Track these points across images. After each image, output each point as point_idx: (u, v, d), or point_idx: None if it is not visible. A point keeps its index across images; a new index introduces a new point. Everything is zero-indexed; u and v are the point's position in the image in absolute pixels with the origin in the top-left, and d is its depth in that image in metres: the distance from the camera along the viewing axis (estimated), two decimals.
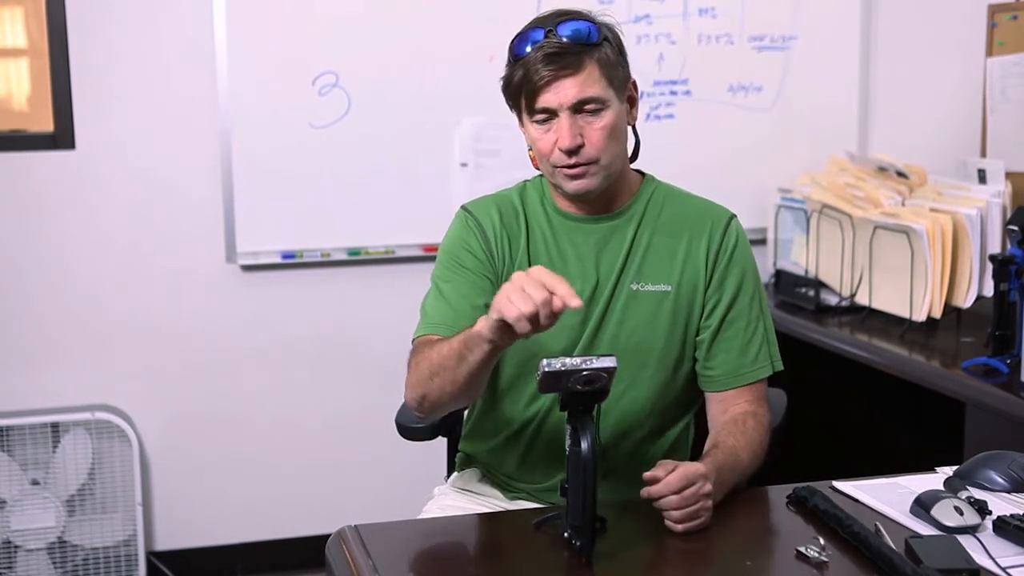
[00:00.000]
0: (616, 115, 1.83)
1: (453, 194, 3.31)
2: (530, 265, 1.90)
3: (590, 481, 1.50)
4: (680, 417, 2.00)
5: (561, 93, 1.79)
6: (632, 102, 1.90)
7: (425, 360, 1.79)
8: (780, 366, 1.96)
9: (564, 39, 1.79)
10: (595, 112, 1.81)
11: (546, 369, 1.48)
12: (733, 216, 1.97)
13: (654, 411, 1.93)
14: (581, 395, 1.51)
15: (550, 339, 1.83)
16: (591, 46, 1.80)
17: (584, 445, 1.49)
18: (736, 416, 1.90)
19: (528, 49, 1.80)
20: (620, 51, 1.86)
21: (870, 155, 3.49)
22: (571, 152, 1.81)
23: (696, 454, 1.92)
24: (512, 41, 1.85)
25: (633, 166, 1.99)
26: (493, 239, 1.93)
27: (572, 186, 1.85)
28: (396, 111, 3.27)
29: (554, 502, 1.89)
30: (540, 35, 1.81)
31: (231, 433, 3.35)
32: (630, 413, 1.91)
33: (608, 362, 1.48)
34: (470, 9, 3.28)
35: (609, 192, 1.90)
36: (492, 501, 2.01)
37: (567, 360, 1.49)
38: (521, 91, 1.82)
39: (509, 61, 1.86)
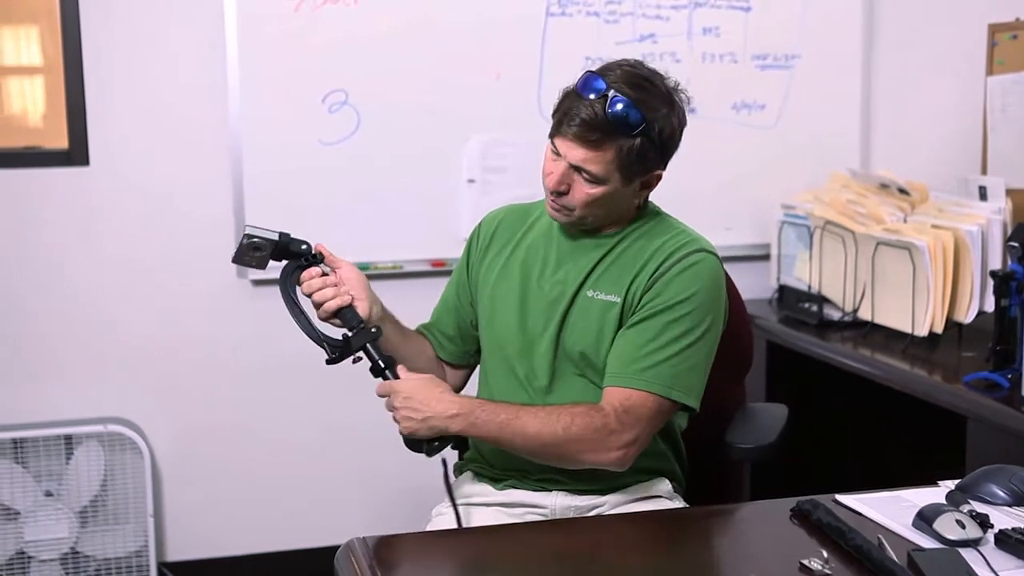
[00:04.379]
0: (610, 192, 1.93)
1: (461, 210, 3.35)
2: (508, 263, 2.09)
3: (298, 316, 1.96)
4: None
5: (570, 150, 1.91)
6: (648, 187, 1.99)
7: None
8: (688, 401, 1.94)
9: (607, 112, 1.86)
10: (590, 180, 1.91)
11: (232, 259, 1.97)
12: (703, 252, 1.99)
13: None
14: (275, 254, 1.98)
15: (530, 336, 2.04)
16: (623, 135, 1.87)
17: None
18: (587, 404, 1.93)
19: (584, 91, 1.88)
20: (659, 145, 1.92)
21: (872, 172, 3.52)
22: (553, 192, 1.95)
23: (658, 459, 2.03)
24: (588, 71, 1.92)
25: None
26: (482, 239, 2.15)
27: (549, 213, 2.01)
28: (405, 128, 3.30)
29: (543, 488, 2.04)
30: (599, 90, 1.87)
31: (241, 445, 3.38)
32: None
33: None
34: (478, 27, 3.32)
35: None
36: (484, 499, 2.08)
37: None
38: (555, 118, 1.94)
39: (576, 83, 1.93)
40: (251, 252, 1.95)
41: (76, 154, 3.19)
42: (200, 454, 3.36)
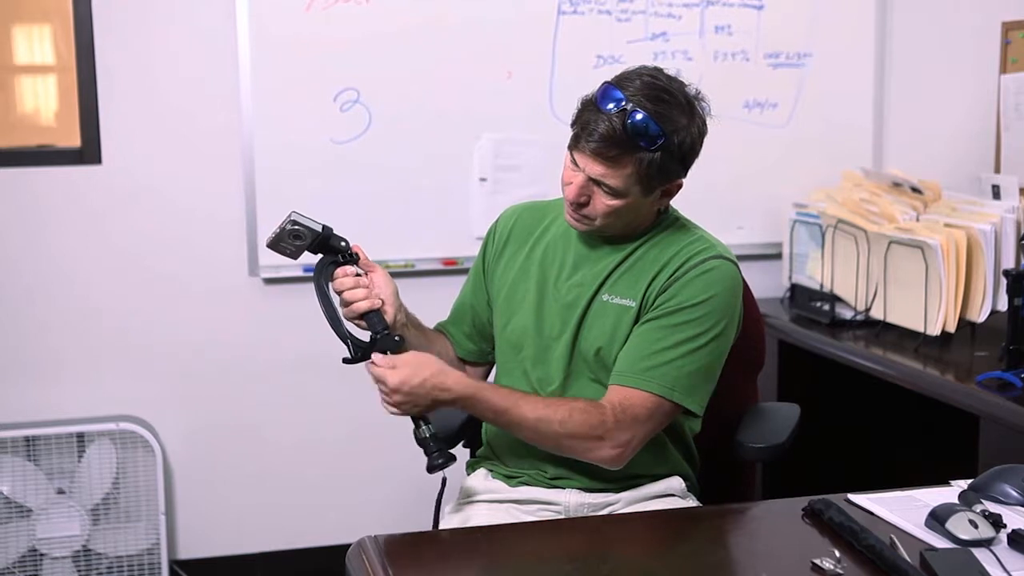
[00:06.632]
0: (629, 204, 1.92)
1: (472, 209, 3.35)
2: (525, 264, 2.09)
3: (328, 309, 1.95)
4: None
5: (589, 164, 1.89)
6: (668, 195, 1.98)
7: None
8: (689, 404, 1.95)
9: (626, 126, 1.83)
10: (609, 193, 1.90)
11: (267, 243, 1.94)
12: (721, 258, 1.98)
13: None
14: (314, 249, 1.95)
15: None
16: (642, 149, 1.85)
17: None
18: (588, 400, 1.94)
19: (603, 104, 1.86)
20: (679, 157, 1.90)
21: (885, 171, 3.51)
22: (572, 203, 1.94)
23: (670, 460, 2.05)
24: (606, 82, 1.90)
25: None
26: (498, 239, 2.15)
27: (568, 221, 2.00)
28: (416, 127, 3.30)
29: (557, 486, 2.05)
30: (618, 103, 1.85)
31: (253, 444, 3.39)
32: None
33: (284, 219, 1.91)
34: (490, 26, 3.32)
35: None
36: (497, 496, 2.09)
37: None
38: (574, 129, 1.92)
39: (594, 94, 1.91)
40: (290, 240, 1.91)
41: (88, 153, 3.20)
42: (212, 452, 3.36)
